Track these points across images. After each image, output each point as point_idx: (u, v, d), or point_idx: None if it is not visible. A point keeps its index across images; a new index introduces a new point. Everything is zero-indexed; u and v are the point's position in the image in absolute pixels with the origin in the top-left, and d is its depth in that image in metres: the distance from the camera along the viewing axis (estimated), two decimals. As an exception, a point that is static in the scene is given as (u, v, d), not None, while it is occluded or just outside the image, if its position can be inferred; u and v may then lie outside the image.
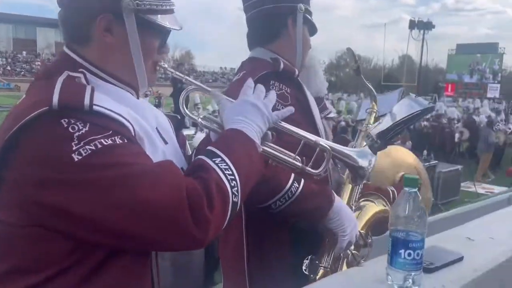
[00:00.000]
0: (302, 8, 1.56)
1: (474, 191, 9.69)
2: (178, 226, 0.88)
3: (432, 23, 10.55)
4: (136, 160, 0.90)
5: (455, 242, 1.27)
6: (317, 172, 1.21)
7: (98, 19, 0.99)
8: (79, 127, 0.87)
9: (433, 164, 8.98)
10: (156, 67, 1.13)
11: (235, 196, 0.96)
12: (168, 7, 1.07)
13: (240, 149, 1.02)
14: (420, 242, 0.98)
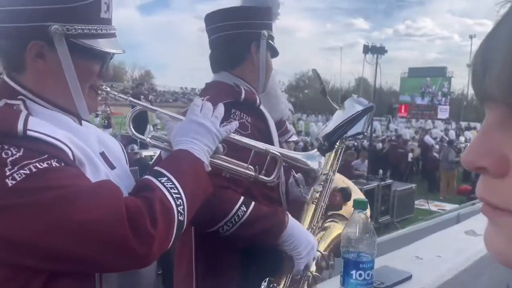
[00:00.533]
0: (266, 34, 1.60)
1: (427, 208, 10.06)
2: (118, 245, 0.87)
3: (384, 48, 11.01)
4: (72, 181, 0.89)
5: (404, 261, 1.32)
6: (270, 179, 1.25)
7: (29, 47, 0.97)
8: (13, 152, 0.85)
9: (388, 183, 9.27)
10: (98, 91, 1.10)
11: (181, 215, 0.96)
12: (105, 31, 1.05)
13: (187, 169, 1.03)
14: (370, 262, 1.01)
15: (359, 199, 1.04)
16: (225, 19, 1.60)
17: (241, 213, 1.35)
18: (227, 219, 1.34)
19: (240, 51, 1.60)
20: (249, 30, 1.60)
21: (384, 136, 18.78)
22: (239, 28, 1.58)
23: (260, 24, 1.62)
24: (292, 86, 70.33)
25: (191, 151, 1.07)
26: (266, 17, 1.64)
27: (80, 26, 0.99)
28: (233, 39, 1.59)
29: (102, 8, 1.03)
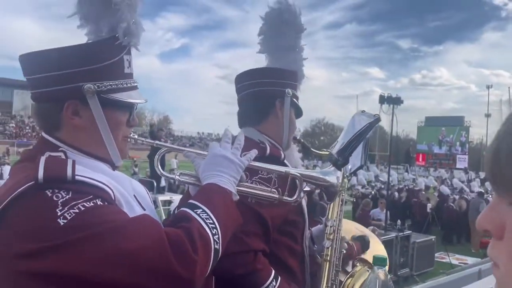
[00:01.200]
0: (290, 92, 1.70)
1: (448, 261, 9.73)
2: (165, 270, 0.93)
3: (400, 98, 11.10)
4: (116, 217, 0.97)
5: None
6: (293, 199, 1.31)
7: (65, 106, 1.09)
8: (63, 195, 0.95)
9: (407, 234, 9.05)
10: (126, 139, 1.21)
11: (217, 243, 1.03)
12: (130, 84, 1.17)
13: (218, 200, 1.11)
14: (390, 320, 1.03)
15: (378, 255, 1.07)
16: (253, 78, 1.70)
17: (272, 286, 1.41)
18: None
19: (266, 106, 1.69)
20: (275, 88, 1.70)
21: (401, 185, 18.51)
22: (265, 86, 1.68)
23: (286, 84, 1.71)
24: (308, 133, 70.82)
25: (219, 183, 1.16)
26: (291, 78, 1.74)
27: (109, 82, 1.12)
28: (260, 96, 1.68)
29: (125, 65, 1.16)
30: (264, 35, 1.79)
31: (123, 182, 1.16)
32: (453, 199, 14.56)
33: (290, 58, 1.78)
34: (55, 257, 0.90)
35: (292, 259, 1.54)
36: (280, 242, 1.51)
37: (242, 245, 1.39)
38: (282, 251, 1.50)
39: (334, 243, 1.60)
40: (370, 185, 19.01)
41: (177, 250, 0.95)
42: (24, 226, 0.93)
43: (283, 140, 1.73)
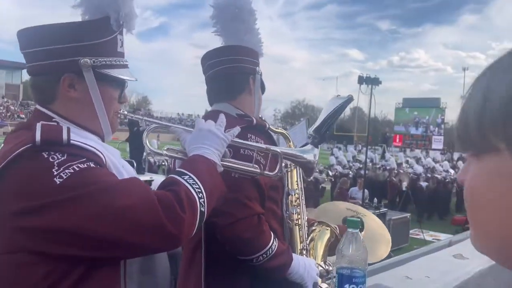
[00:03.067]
0: (259, 71, 1.77)
1: (422, 238, 10.09)
2: (155, 226, 1.00)
3: (379, 79, 11.29)
4: (109, 178, 1.04)
5: (395, 280, 1.41)
6: (274, 174, 1.41)
7: (62, 79, 1.14)
8: (58, 157, 1.01)
9: (383, 211, 9.33)
10: (117, 115, 1.28)
11: (202, 206, 1.11)
12: (122, 62, 1.24)
13: (203, 169, 1.19)
14: (363, 278, 1.10)
15: (352, 218, 1.14)
16: (227, 54, 1.74)
17: (274, 246, 1.52)
18: (264, 250, 1.50)
19: (241, 83, 1.74)
20: (248, 65, 1.75)
21: (378, 165, 18.90)
22: (240, 63, 1.73)
23: (254, 62, 1.78)
24: (288, 114, 71.09)
25: (204, 154, 1.24)
26: (257, 57, 1.81)
27: (104, 58, 1.18)
28: (236, 72, 1.73)
29: (118, 44, 1.22)
30: (217, 19, 1.83)
31: (113, 153, 1.22)
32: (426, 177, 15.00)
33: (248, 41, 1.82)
34: (50, 214, 0.96)
35: (275, 223, 1.64)
36: (267, 207, 1.60)
37: (247, 210, 1.49)
38: (268, 216, 1.59)
39: (300, 208, 1.71)
40: (348, 165, 19.34)
41: (166, 208, 1.02)
42: (22, 185, 0.98)
43: (254, 116, 1.79)
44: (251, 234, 1.48)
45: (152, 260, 1.21)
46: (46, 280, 0.99)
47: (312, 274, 1.60)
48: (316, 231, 1.92)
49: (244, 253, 1.51)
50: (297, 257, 1.61)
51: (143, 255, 1.13)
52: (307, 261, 1.64)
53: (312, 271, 1.60)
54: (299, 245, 1.75)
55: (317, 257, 1.86)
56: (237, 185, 1.47)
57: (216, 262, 1.57)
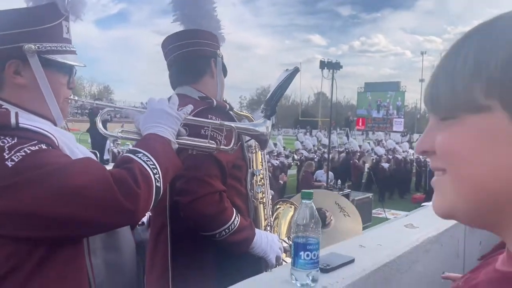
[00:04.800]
0: (220, 54, 1.82)
1: (384, 216, 10.48)
2: (110, 203, 1.03)
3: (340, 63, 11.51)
4: (61, 159, 1.06)
5: (349, 249, 1.49)
6: (230, 148, 1.47)
7: (7, 65, 1.15)
8: (9, 140, 1.01)
9: (346, 192, 9.63)
10: (67, 100, 1.29)
11: (158, 182, 1.14)
12: (68, 48, 1.25)
13: (157, 146, 1.22)
14: (316, 244, 1.18)
15: (306, 190, 1.21)
16: (187, 38, 1.77)
17: (236, 222, 1.58)
18: (226, 226, 1.56)
19: (202, 65, 1.77)
20: (209, 49, 1.78)
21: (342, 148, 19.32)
22: (201, 46, 1.76)
23: (215, 45, 1.82)
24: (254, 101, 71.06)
25: (157, 133, 1.26)
26: (217, 41, 1.85)
27: (48, 44, 1.18)
28: (197, 55, 1.76)
29: (63, 30, 1.24)
30: (175, 5, 1.85)
31: (66, 135, 1.23)
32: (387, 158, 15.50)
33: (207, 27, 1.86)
34: (5, 197, 0.97)
35: (239, 200, 1.70)
36: (230, 185, 1.66)
37: (208, 187, 1.54)
38: (231, 193, 1.65)
39: (265, 187, 1.78)
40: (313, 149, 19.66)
41: (120, 185, 1.05)
42: None
43: (218, 99, 1.83)
44: (213, 211, 1.53)
45: (115, 236, 1.24)
46: (8, 261, 1.01)
47: (274, 248, 1.68)
48: (280, 209, 2.01)
49: (207, 229, 1.56)
50: (260, 232, 1.69)
51: (102, 232, 1.15)
52: (269, 235, 1.72)
53: (274, 246, 1.69)
54: (263, 222, 1.83)
55: (281, 233, 1.96)
56: (198, 164, 1.52)
57: (181, 239, 1.62)
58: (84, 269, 1.14)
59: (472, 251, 2.21)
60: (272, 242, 1.67)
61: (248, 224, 1.65)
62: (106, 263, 1.20)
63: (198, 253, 1.63)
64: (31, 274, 1.03)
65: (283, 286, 1.18)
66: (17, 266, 1.02)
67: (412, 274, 1.61)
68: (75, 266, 1.12)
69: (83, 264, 1.14)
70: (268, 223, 1.82)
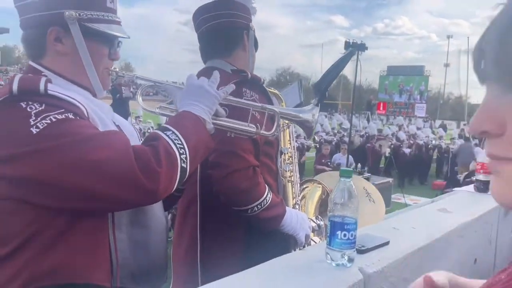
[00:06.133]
0: (253, 27, 1.75)
1: (404, 202, 10.37)
2: (129, 180, 1.00)
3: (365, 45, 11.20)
4: (86, 130, 1.03)
5: (383, 231, 1.45)
6: (271, 133, 1.40)
7: (48, 32, 1.13)
8: (36, 107, 1.00)
9: (366, 176, 9.53)
10: (108, 71, 1.25)
11: (184, 162, 1.10)
12: (111, 18, 1.21)
13: (189, 124, 1.17)
14: (354, 224, 1.14)
15: (345, 168, 1.16)
16: (219, 9, 1.71)
17: (268, 198, 1.55)
18: (259, 201, 1.53)
19: (235, 37, 1.71)
20: (242, 21, 1.72)
21: (362, 132, 19.11)
22: (233, 17, 1.70)
23: (247, 18, 1.75)
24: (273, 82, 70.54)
25: (192, 111, 1.22)
26: (249, 13, 1.78)
27: (90, 12, 1.15)
28: (229, 26, 1.70)
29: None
30: None
31: (102, 107, 1.21)
32: (408, 144, 15.27)
33: None
34: (26, 162, 0.96)
35: (270, 177, 1.67)
36: (261, 161, 1.63)
37: (242, 162, 1.51)
38: (263, 170, 1.62)
39: (293, 166, 1.74)
40: (333, 132, 19.51)
41: (141, 162, 1.01)
42: (1, 133, 0.99)
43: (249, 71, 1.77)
44: (247, 185, 1.50)
45: (143, 213, 1.21)
46: (29, 227, 1.01)
47: (304, 226, 1.65)
48: (308, 188, 1.97)
49: (239, 204, 1.53)
50: (290, 210, 1.65)
51: (121, 209, 1.12)
52: (299, 214, 1.68)
53: (304, 224, 1.65)
54: (291, 200, 1.80)
55: (308, 213, 1.92)
56: (232, 138, 1.48)
57: (211, 214, 1.60)
58: (106, 243, 1.12)
59: (503, 238, 2.14)
60: (302, 220, 1.64)
61: (279, 201, 1.62)
62: (131, 240, 1.17)
63: (228, 228, 1.61)
64: (52, 242, 1.03)
65: (317, 265, 1.15)
66: (38, 233, 1.02)
67: (446, 259, 1.56)
68: (97, 239, 1.10)
69: (106, 238, 1.12)
70: (297, 202, 1.79)
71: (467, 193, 2.24)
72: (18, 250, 1.01)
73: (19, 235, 1.01)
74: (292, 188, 1.83)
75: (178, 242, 1.73)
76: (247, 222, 1.59)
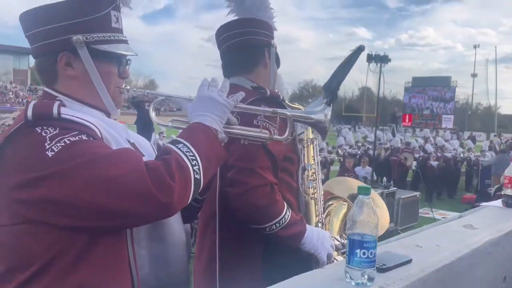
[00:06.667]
0: (274, 44, 1.76)
1: (432, 216, 10.09)
2: (143, 195, 1.02)
3: (388, 56, 11.15)
4: (99, 150, 1.06)
5: (405, 249, 1.42)
6: (284, 137, 1.39)
7: (59, 58, 1.18)
8: (51, 131, 1.04)
9: (392, 190, 9.31)
10: (120, 90, 1.29)
11: (197, 174, 1.11)
12: (118, 37, 1.24)
13: (200, 136, 1.19)
14: (373, 242, 1.12)
15: (362, 185, 1.15)
16: (241, 27, 1.73)
17: (287, 216, 1.54)
18: (277, 219, 1.52)
19: (256, 55, 1.73)
20: (263, 38, 1.74)
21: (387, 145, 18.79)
22: (255, 35, 1.72)
23: (269, 35, 1.77)
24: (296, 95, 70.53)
25: (203, 122, 1.23)
26: (271, 30, 1.80)
27: (97, 34, 1.19)
28: (250, 44, 1.72)
29: (112, 19, 1.24)
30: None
31: (115, 126, 1.24)
32: (436, 156, 14.92)
33: (261, 17, 1.81)
34: (44, 186, 1.00)
35: (290, 195, 1.66)
36: (280, 178, 1.62)
37: (260, 179, 1.50)
38: (282, 187, 1.61)
39: (316, 183, 1.72)
40: (357, 145, 19.26)
41: (153, 176, 1.03)
42: (18, 160, 1.03)
43: (270, 89, 1.78)
44: (264, 203, 1.50)
45: (161, 226, 1.23)
46: (51, 249, 1.03)
47: (326, 245, 1.62)
48: (333, 205, 1.93)
49: (257, 222, 1.53)
50: (311, 227, 1.63)
51: (139, 224, 1.14)
52: (321, 232, 1.66)
53: (326, 242, 1.62)
54: (314, 218, 1.78)
55: (332, 231, 1.89)
56: (250, 155, 1.48)
57: (230, 231, 1.60)
58: (126, 260, 1.14)
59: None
60: (323, 239, 1.62)
61: (299, 219, 1.60)
62: (151, 255, 1.19)
63: (247, 246, 1.61)
64: (73, 262, 1.05)
65: (337, 284, 1.13)
66: (60, 253, 1.04)
67: (472, 278, 1.51)
68: (117, 256, 1.12)
69: (125, 255, 1.14)
70: (320, 220, 1.76)
71: (494, 208, 2.17)
72: (39, 273, 1.03)
73: (40, 258, 1.03)
74: (315, 205, 1.80)
75: (199, 258, 1.74)
76: (267, 240, 1.58)
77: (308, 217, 1.79)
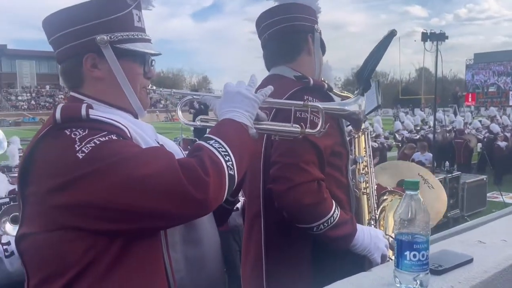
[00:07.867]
0: (318, 29, 1.65)
1: (502, 200, 9.44)
2: (178, 192, 0.98)
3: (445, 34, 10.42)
4: (130, 149, 1.04)
5: (465, 246, 1.28)
6: (316, 131, 1.30)
7: (84, 60, 1.16)
8: (80, 132, 1.03)
9: (456, 175, 8.80)
10: (145, 90, 1.27)
11: (231, 169, 1.07)
12: (141, 36, 1.22)
13: (231, 132, 1.15)
14: (425, 243, 1.00)
15: (410, 180, 1.03)
16: (280, 13, 1.64)
17: (336, 215, 1.43)
18: (325, 219, 1.41)
19: (299, 41, 1.63)
20: (305, 23, 1.64)
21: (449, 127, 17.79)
22: (296, 21, 1.62)
23: (312, 20, 1.66)
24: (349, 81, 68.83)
25: (232, 118, 1.18)
26: (314, 14, 1.68)
27: (120, 33, 1.18)
28: (292, 30, 1.63)
29: (134, 18, 1.22)
30: None
31: (143, 127, 1.22)
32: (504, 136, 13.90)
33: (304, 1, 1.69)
34: (76, 189, 0.98)
35: (340, 191, 1.55)
36: (328, 174, 1.51)
37: (305, 175, 1.40)
38: (330, 183, 1.50)
39: (369, 176, 1.59)
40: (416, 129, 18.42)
41: (188, 173, 0.99)
42: (49, 164, 1.02)
43: (316, 78, 1.67)
44: (311, 200, 1.39)
45: (194, 229, 1.20)
46: (87, 254, 1.02)
47: (379, 245, 1.49)
48: (388, 200, 1.79)
49: (303, 221, 1.43)
50: (362, 227, 1.51)
51: (174, 224, 1.11)
52: (373, 231, 1.53)
53: (379, 242, 1.49)
54: (367, 215, 1.66)
55: (387, 228, 1.74)
56: (293, 149, 1.39)
57: (275, 231, 1.53)
58: (161, 265, 1.11)
59: None
60: (376, 239, 1.48)
61: (349, 219, 1.48)
62: (187, 258, 1.16)
63: (294, 247, 1.52)
64: (109, 268, 1.03)
65: (385, 289, 1.03)
66: (96, 258, 1.03)
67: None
68: (152, 260, 1.09)
69: (161, 259, 1.12)
70: (372, 217, 1.63)
71: None
72: (75, 280, 1.03)
73: (76, 265, 1.02)
74: (368, 201, 1.67)
75: (245, 258, 1.69)
76: (314, 241, 1.49)
77: (360, 214, 1.67)
